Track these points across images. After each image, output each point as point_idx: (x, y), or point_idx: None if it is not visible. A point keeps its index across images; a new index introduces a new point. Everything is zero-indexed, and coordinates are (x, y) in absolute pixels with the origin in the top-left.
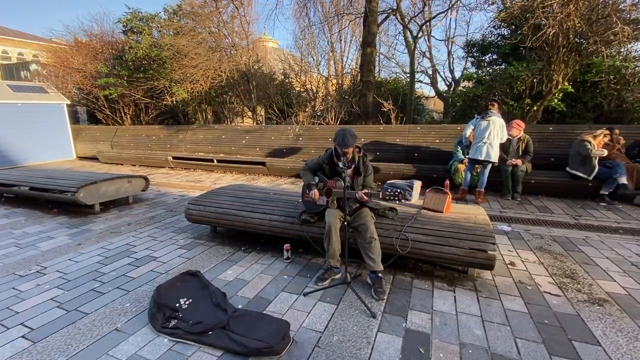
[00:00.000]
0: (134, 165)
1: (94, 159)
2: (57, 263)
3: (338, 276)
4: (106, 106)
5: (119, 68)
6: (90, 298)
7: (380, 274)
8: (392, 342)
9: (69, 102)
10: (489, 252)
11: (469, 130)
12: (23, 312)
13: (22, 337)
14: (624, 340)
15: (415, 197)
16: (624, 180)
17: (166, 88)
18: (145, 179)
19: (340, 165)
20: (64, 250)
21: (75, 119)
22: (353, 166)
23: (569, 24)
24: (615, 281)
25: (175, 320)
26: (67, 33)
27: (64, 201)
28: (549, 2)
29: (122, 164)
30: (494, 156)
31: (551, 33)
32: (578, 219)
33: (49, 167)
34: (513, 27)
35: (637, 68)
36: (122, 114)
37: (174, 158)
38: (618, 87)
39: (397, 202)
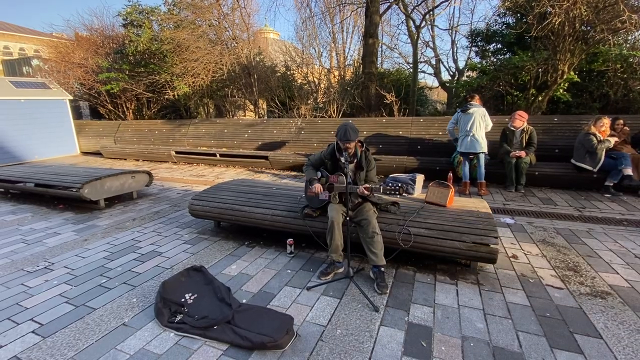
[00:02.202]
0: (137, 160)
1: (97, 154)
2: (64, 259)
3: (341, 270)
4: (108, 101)
5: (120, 62)
6: (97, 293)
7: (382, 268)
8: (395, 335)
9: (71, 98)
10: (491, 245)
11: (451, 126)
12: (32, 307)
13: (32, 332)
14: (625, 332)
15: (418, 191)
16: (629, 171)
17: (167, 82)
18: (149, 174)
19: (342, 160)
20: (70, 246)
21: (77, 114)
22: (355, 160)
23: (575, 12)
24: (618, 274)
25: (181, 315)
26: (67, 28)
27: (69, 197)
28: None
29: (125, 159)
30: (479, 147)
31: (557, 22)
32: (582, 211)
33: (53, 163)
34: (518, 15)
35: None
36: (125, 109)
37: (177, 153)
38: (625, 76)
39: (399, 196)
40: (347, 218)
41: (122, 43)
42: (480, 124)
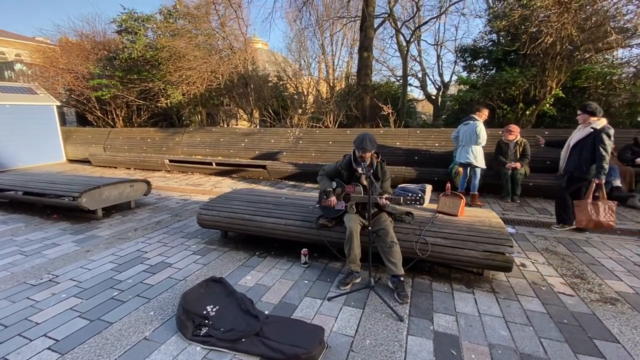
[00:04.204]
0: (129, 168)
1: (85, 162)
2: (68, 271)
3: (358, 280)
4: (97, 108)
5: (110, 69)
6: (111, 307)
7: (402, 278)
8: (424, 344)
9: (59, 104)
10: (507, 254)
11: (454, 135)
12: (43, 322)
13: (48, 349)
14: None
15: (427, 201)
16: (618, 182)
17: (161, 90)
18: (147, 183)
19: (360, 171)
20: (72, 257)
21: (61, 120)
22: (371, 171)
23: (564, 32)
24: (622, 281)
25: (207, 328)
26: (57, 33)
27: (64, 206)
28: (547, 12)
29: (115, 167)
30: (468, 158)
31: (549, 41)
32: None
33: (41, 171)
34: (502, 33)
35: (622, 74)
36: (114, 116)
37: (171, 161)
38: (605, 92)
39: (419, 205)
40: (369, 228)
41: (115, 50)
42: (471, 136)
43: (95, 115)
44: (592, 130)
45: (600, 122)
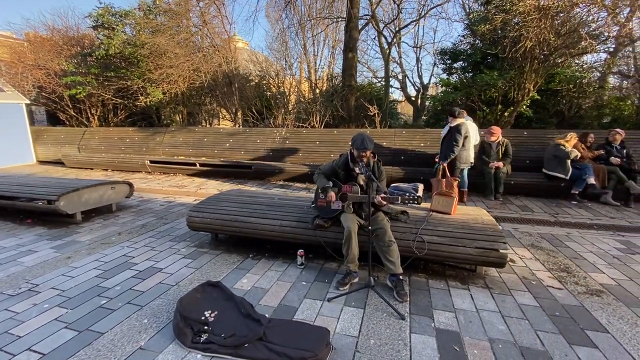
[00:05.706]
0: (106, 169)
1: (57, 163)
2: (49, 279)
3: (355, 280)
4: (70, 106)
5: (84, 65)
6: (100, 316)
7: (400, 277)
8: (427, 342)
9: (28, 102)
10: (501, 251)
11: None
12: (26, 335)
13: None
14: (627, 326)
15: None
16: (592, 180)
17: (140, 88)
18: (130, 184)
19: (357, 170)
20: (52, 264)
21: (30, 119)
22: (369, 171)
23: (542, 37)
24: (604, 273)
25: (207, 335)
26: (26, 27)
27: (40, 210)
28: (527, 18)
29: (92, 169)
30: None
31: (529, 46)
32: (557, 217)
33: (11, 173)
34: (482, 37)
35: (591, 78)
36: (89, 115)
37: (152, 162)
38: (576, 95)
39: (416, 204)
40: (369, 228)
41: (90, 46)
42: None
43: (68, 114)
44: (449, 127)
45: (456, 122)
